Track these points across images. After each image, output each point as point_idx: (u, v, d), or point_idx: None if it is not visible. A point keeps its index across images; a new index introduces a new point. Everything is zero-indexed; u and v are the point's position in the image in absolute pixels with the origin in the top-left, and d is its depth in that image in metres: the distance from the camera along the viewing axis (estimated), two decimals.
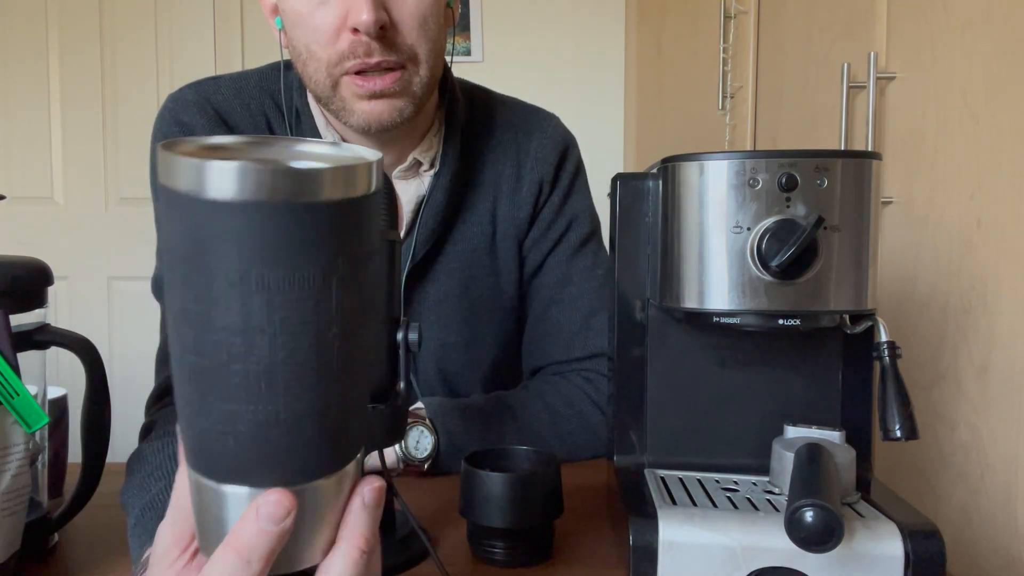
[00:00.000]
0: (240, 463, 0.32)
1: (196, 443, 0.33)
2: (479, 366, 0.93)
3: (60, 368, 1.17)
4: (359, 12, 0.70)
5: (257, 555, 0.33)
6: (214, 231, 0.29)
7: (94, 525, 0.67)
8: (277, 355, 0.30)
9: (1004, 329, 0.83)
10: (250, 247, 0.29)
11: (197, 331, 0.30)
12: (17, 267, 0.57)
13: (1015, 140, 0.82)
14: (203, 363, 0.31)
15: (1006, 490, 0.82)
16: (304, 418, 0.32)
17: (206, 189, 0.28)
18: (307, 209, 0.29)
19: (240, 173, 0.28)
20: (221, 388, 0.31)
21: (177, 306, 0.31)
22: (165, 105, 0.86)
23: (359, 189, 0.30)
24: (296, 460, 0.33)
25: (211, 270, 0.29)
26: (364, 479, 0.36)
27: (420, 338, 0.58)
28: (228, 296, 0.29)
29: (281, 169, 0.28)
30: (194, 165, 0.28)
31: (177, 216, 0.29)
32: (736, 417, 0.65)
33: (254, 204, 0.28)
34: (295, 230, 0.29)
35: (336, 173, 0.29)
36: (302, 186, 0.29)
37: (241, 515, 0.33)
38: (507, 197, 0.92)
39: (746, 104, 1.55)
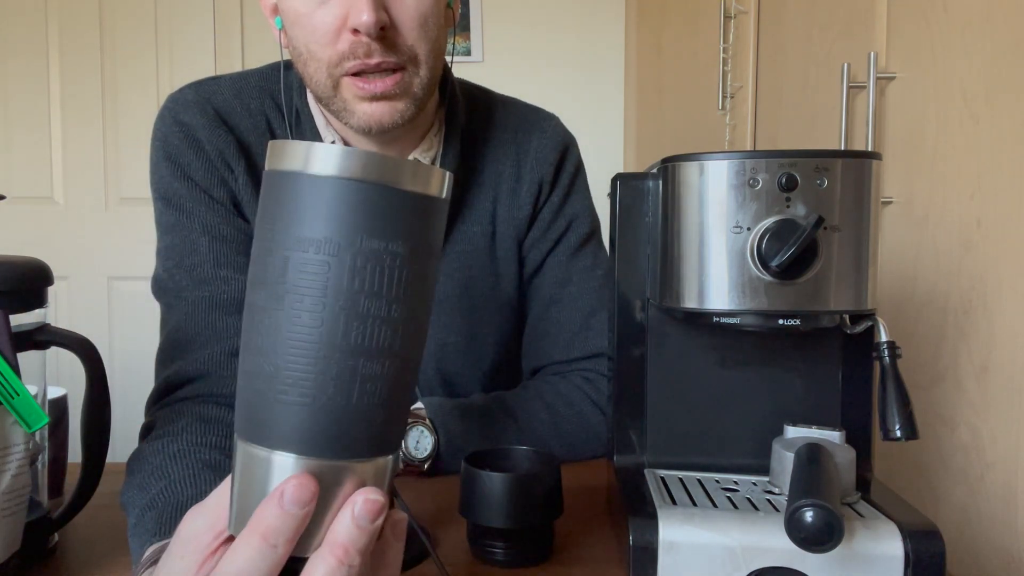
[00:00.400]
0: (297, 422, 0.34)
1: (256, 407, 0.35)
2: (479, 366, 0.93)
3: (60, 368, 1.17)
4: (359, 13, 0.70)
5: (283, 539, 0.33)
6: (316, 199, 0.33)
7: (94, 525, 0.67)
8: (354, 317, 0.33)
9: (1004, 329, 0.83)
10: (369, 216, 0.33)
11: (301, 295, 0.33)
12: (17, 267, 0.57)
13: (1015, 140, 0.82)
14: (297, 319, 0.33)
15: (1006, 490, 0.82)
16: (362, 387, 0.34)
17: (311, 166, 0.33)
18: (393, 193, 0.34)
19: (340, 153, 0.33)
20: (300, 342, 0.33)
21: (269, 271, 0.34)
22: (165, 105, 0.86)
23: (433, 189, 0.35)
24: (346, 426, 0.34)
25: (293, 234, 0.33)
26: (368, 489, 0.35)
27: None
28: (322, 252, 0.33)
29: (397, 160, 0.34)
30: (329, 148, 0.33)
31: (286, 190, 0.34)
32: (736, 417, 0.65)
33: (351, 179, 0.33)
34: (384, 208, 0.34)
35: (418, 168, 0.35)
36: (388, 171, 0.34)
37: (262, 501, 0.34)
38: (507, 197, 0.92)
39: (746, 104, 1.55)
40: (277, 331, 0.33)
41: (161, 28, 2.27)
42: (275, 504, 0.33)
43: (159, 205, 0.85)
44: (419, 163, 0.35)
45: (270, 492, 0.34)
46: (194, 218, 0.82)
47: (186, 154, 0.83)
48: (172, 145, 0.83)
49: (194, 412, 0.73)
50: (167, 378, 0.79)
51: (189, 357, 0.78)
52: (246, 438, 0.35)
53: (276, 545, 0.33)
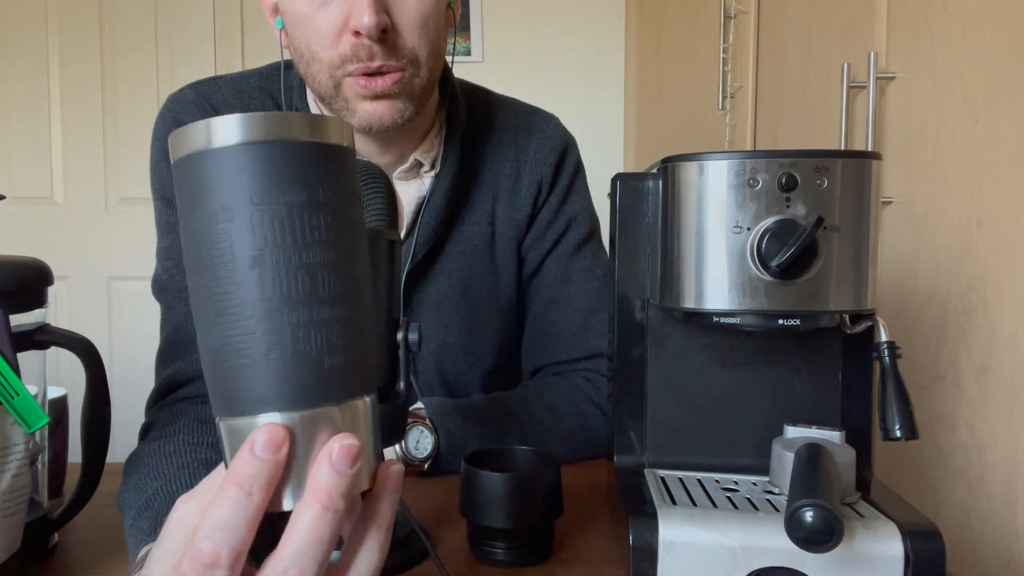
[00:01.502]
0: (260, 384, 0.35)
1: (222, 383, 0.36)
2: (478, 366, 0.93)
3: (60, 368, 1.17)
4: (360, 15, 0.70)
5: (258, 486, 0.34)
6: (221, 170, 0.35)
7: (94, 525, 0.67)
8: (278, 273, 0.35)
9: (1004, 329, 0.83)
10: (252, 175, 0.34)
11: (221, 264, 0.35)
12: (17, 267, 0.57)
13: (1015, 140, 0.82)
14: (220, 289, 0.35)
15: (1006, 490, 0.82)
16: (298, 335, 0.35)
17: (212, 142, 0.35)
18: (290, 146, 0.35)
19: (238, 120, 0.34)
20: (235, 307, 0.35)
21: (198, 254, 0.35)
22: (166, 105, 0.86)
23: (331, 138, 0.36)
24: (305, 375, 0.35)
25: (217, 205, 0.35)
26: (342, 435, 0.36)
27: (420, 338, 0.58)
28: (245, 223, 0.35)
29: (271, 114, 0.35)
30: (203, 123, 0.35)
31: (196, 172, 0.35)
32: (736, 417, 0.65)
33: (250, 143, 0.34)
34: (282, 162, 0.35)
35: (311, 120, 0.36)
36: (284, 127, 0.35)
37: (236, 452, 0.34)
38: (506, 198, 0.92)
39: (746, 104, 1.55)
40: (210, 305, 0.35)
41: (161, 28, 2.27)
42: (247, 452, 0.34)
43: (159, 205, 0.85)
44: (308, 115, 0.36)
45: None
46: None
47: None
48: None
49: (192, 412, 0.73)
50: (166, 378, 0.79)
51: (189, 357, 0.78)
52: (222, 414, 0.36)
53: (251, 493, 0.34)
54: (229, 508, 0.34)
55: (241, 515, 0.34)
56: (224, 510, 0.34)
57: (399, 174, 0.87)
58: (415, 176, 0.88)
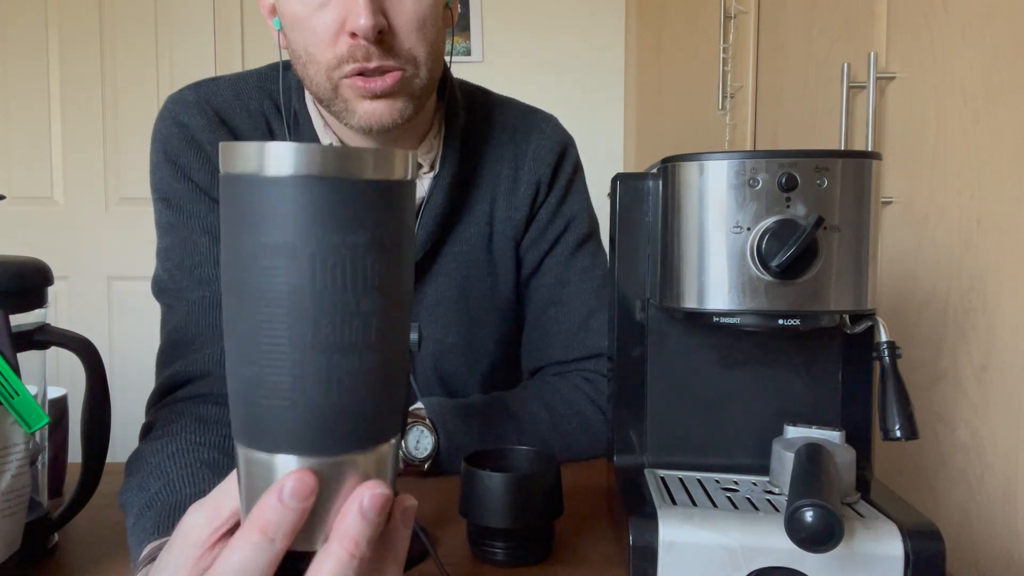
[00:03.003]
0: (288, 425, 0.34)
1: (247, 414, 0.35)
2: (477, 367, 0.93)
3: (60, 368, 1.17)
4: (357, 17, 0.70)
5: (281, 533, 0.33)
6: (275, 202, 0.33)
7: (94, 525, 0.67)
8: (324, 315, 0.33)
9: (1004, 329, 0.83)
10: (321, 213, 0.33)
11: (268, 299, 0.33)
12: (17, 267, 0.57)
13: (1015, 140, 0.82)
14: (265, 323, 0.33)
15: (1006, 490, 0.82)
16: (342, 384, 0.34)
17: (266, 168, 0.33)
18: (353, 184, 0.33)
19: (296, 150, 0.32)
20: (274, 345, 0.33)
21: (239, 279, 0.34)
22: (165, 106, 0.86)
23: (395, 173, 0.35)
24: (344, 422, 0.34)
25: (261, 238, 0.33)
26: (372, 482, 0.35)
27: (420, 338, 0.58)
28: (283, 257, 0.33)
29: (332, 148, 0.33)
30: (258, 146, 0.33)
31: (241, 194, 0.34)
32: (736, 417, 0.65)
33: (309, 177, 0.32)
34: (343, 201, 0.33)
35: (377, 155, 0.34)
36: (348, 164, 0.33)
37: (263, 495, 0.34)
38: (504, 198, 0.92)
39: (746, 104, 1.55)
40: (252, 337, 0.33)
41: (161, 28, 2.27)
42: (274, 498, 0.33)
43: (159, 206, 0.85)
44: (376, 150, 0.34)
45: None
46: (194, 219, 0.82)
47: (186, 155, 0.83)
48: (172, 146, 0.83)
49: (193, 412, 0.73)
50: (167, 378, 0.79)
51: (189, 357, 0.78)
52: (244, 443, 0.35)
53: (274, 539, 0.33)
54: (249, 553, 0.33)
55: (261, 560, 0.34)
56: (243, 554, 0.33)
57: None
58: None
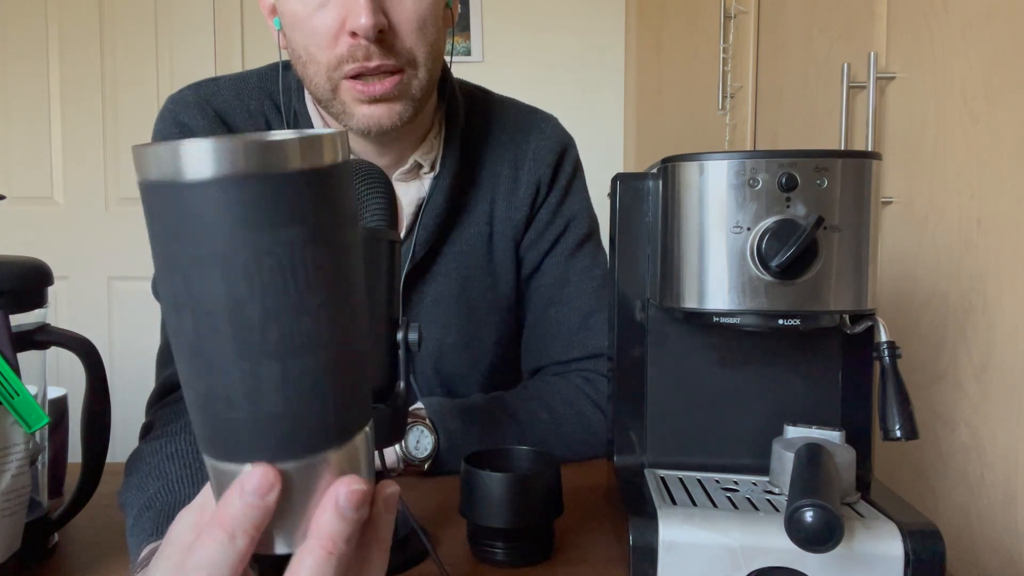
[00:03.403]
0: (259, 432, 0.32)
1: (208, 427, 0.33)
2: (477, 367, 0.93)
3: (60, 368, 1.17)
4: (357, 16, 0.70)
5: (242, 530, 0.33)
6: (197, 210, 0.30)
7: (94, 525, 0.67)
8: (269, 319, 0.31)
9: (1004, 329, 0.83)
10: (232, 217, 0.30)
11: (205, 311, 0.31)
12: (17, 267, 0.57)
13: (1015, 140, 0.82)
14: (205, 335, 0.31)
15: (1006, 490, 0.82)
16: (296, 385, 0.32)
17: (184, 173, 0.29)
18: (280, 178, 0.30)
19: (214, 150, 0.29)
20: (223, 356, 0.31)
21: (175, 293, 0.32)
22: (165, 106, 0.86)
23: (325, 159, 0.32)
24: (309, 421, 0.33)
25: (195, 247, 0.30)
26: (347, 478, 0.34)
27: (420, 338, 0.58)
28: (219, 268, 0.31)
29: (251, 142, 0.30)
30: (171, 149, 0.29)
31: (162, 204, 0.31)
32: (736, 417, 0.65)
33: (232, 177, 0.29)
34: (271, 198, 0.30)
35: (301, 143, 0.31)
36: (271, 157, 0.30)
37: (224, 493, 0.33)
38: (504, 198, 0.92)
39: (746, 104, 1.55)
40: (199, 351, 0.32)
41: (161, 28, 2.27)
42: (235, 495, 0.33)
43: None
44: (300, 135, 0.31)
45: None
46: None
47: None
48: None
49: None
50: (167, 378, 0.79)
51: None
52: (210, 455, 0.34)
53: (235, 536, 0.33)
54: (212, 549, 0.33)
55: (223, 558, 0.33)
56: (206, 551, 0.33)
57: (398, 176, 0.87)
58: (414, 178, 0.88)
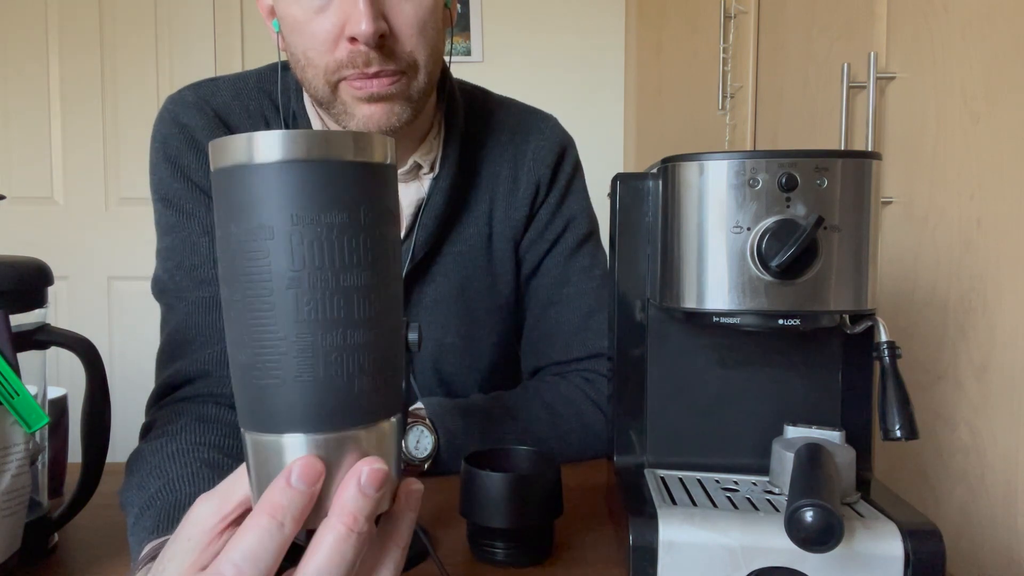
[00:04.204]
0: (304, 405, 0.35)
1: (248, 397, 0.36)
2: (476, 367, 0.93)
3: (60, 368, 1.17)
4: (357, 22, 0.70)
5: (291, 516, 0.34)
6: (259, 187, 0.34)
7: (94, 525, 0.67)
8: (306, 293, 0.34)
9: (1004, 329, 0.83)
10: (295, 194, 0.34)
11: (258, 282, 0.34)
12: (17, 267, 0.57)
13: (1015, 140, 0.82)
14: (254, 306, 0.35)
15: (1006, 490, 0.82)
16: (330, 359, 0.35)
17: (255, 156, 0.34)
18: (336, 165, 0.35)
19: (282, 137, 0.34)
20: (263, 326, 0.35)
21: (229, 266, 0.35)
22: (165, 106, 0.86)
23: (376, 157, 0.36)
24: (329, 398, 0.35)
25: (259, 218, 0.34)
26: (371, 458, 0.36)
27: (420, 338, 0.58)
28: (285, 241, 0.34)
29: (316, 133, 0.34)
30: (247, 136, 0.34)
31: (230, 184, 0.35)
32: (736, 417, 0.65)
33: (294, 161, 0.34)
34: (322, 182, 0.34)
35: (357, 139, 0.35)
36: (332, 145, 0.35)
37: (272, 481, 0.35)
38: (503, 199, 0.92)
39: (746, 104, 1.55)
40: (243, 321, 0.35)
41: (161, 28, 2.27)
42: (283, 482, 0.34)
43: (159, 206, 0.85)
44: (357, 133, 0.36)
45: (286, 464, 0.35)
46: (194, 219, 0.82)
47: (186, 155, 0.83)
48: (172, 146, 0.83)
49: (193, 412, 0.73)
50: (167, 378, 0.79)
51: (189, 357, 0.78)
52: (249, 427, 0.36)
53: (283, 523, 0.34)
54: (259, 536, 0.34)
55: (270, 544, 0.34)
56: (253, 538, 0.34)
57: (398, 176, 0.87)
58: (414, 178, 0.88)
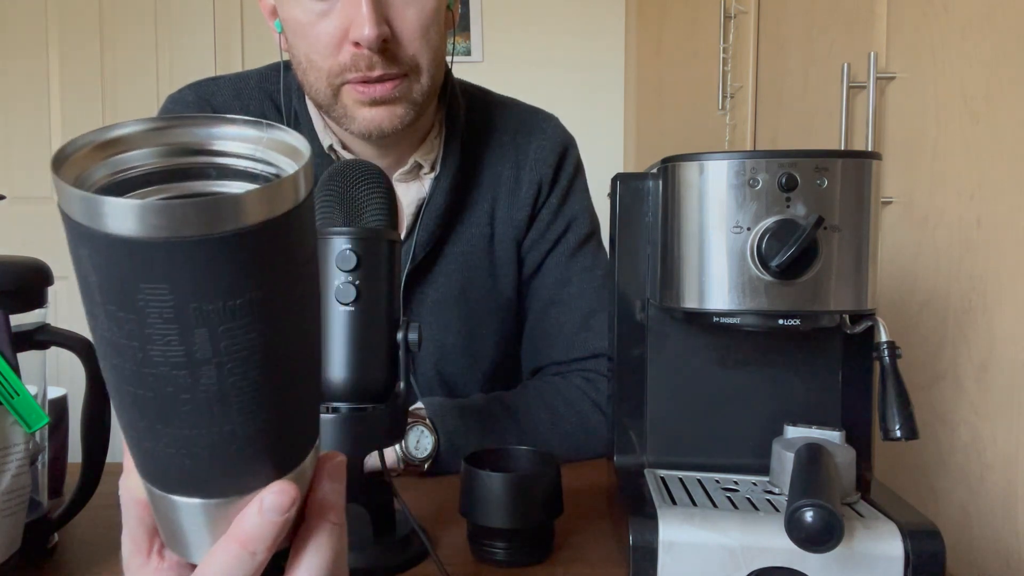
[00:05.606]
0: (194, 479, 0.31)
1: (146, 460, 0.32)
2: (477, 367, 0.93)
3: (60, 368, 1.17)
4: (361, 27, 0.70)
5: (263, 546, 0.33)
6: (131, 267, 0.25)
7: (94, 525, 0.67)
8: (226, 381, 0.28)
9: (1004, 329, 0.83)
10: (171, 283, 0.25)
11: (134, 365, 0.27)
12: (17, 267, 0.57)
13: (1015, 140, 0.82)
14: (147, 395, 0.28)
15: (1006, 490, 0.82)
16: (261, 430, 0.30)
17: (108, 225, 0.24)
18: (230, 239, 0.25)
19: (140, 212, 0.23)
20: (169, 416, 0.28)
21: (107, 337, 0.27)
22: (165, 106, 0.86)
23: (284, 205, 0.26)
24: (252, 468, 0.32)
25: (139, 308, 0.26)
26: (324, 456, 0.35)
27: (420, 338, 0.58)
28: (165, 333, 0.26)
29: (188, 204, 0.23)
30: (85, 199, 0.23)
31: (88, 248, 0.25)
32: (736, 417, 0.65)
33: (169, 242, 0.24)
34: (220, 262, 0.25)
35: (253, 196, 0.25)
36: (217, 216, 0.24)
37: (244, 509, 0.33)
38: (505, 199, 0.92)
39: (746, 104, 1.55)
40: (121, 389, 0.29)
41: (161, 27, 2.27)
42: (255, 512, 0.33)
43: None
44: (256, 191, 0.25)
45: (184, 522, 0.33)
46: None
47: None
48: None
49: None
50: None
51: None
52: (146, 479, 0.33)
53: (255, 552, 0.33)
54: (228, 563, 0.33)
55: (241, 571, 0.33)
56: (222, 565, 0.33)
57: (399, 176, 0.87)
58: (415, 178, 0.88)
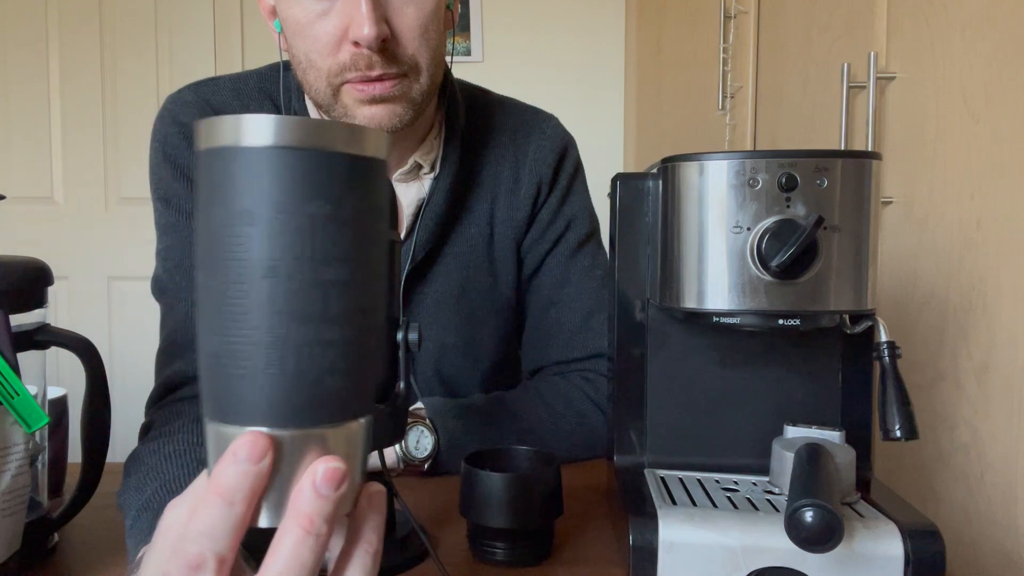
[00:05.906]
0: (249, 394, 0.34)
1: (213, 386, 0.35)
2: (477, 368, 0.93)
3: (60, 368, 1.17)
4: (360, 27, 0.70)
5: (240, 496, 0.33)
6: (243, 171, 0.33)
7: (94, 525, 0.67)
8: (281, 284, 0.33)
9: (1004, 329, 0.83)
10: (279, 182, 0.33)
11: (235, 268, 0.33)
12: (17, 267, 0.57)
13: (1015, 140, 0.82)
14: (229, 293, 0.33)
15: (1006, 490, 0.82)
16: (301, 354, 0.34)
17: (242, 139, 0.33)
18: (322, 156, 0.34)
19: (276, 122, 0.33)
20: (234, 313, 0.33)
21: (206, 250, 0.34)
22: (165, 106, 0.86)
23: (367, 150, 0.35)
24: (295, 394, 0.34)
25: (241, 206, 0.33)
26: (328, 457, 0.35)
27: (420, 338, 0.58)
28: (267, 232, 0.33)
29: (308, 120, 0.34)
30: (236, 118, 0.33)
31: (213, 166, 0.34)
32: (736, 417, 0.65)
33: (282, 147, 0.33)
34: (306, 171, 0.33)
35: (350, 130, 0.35)
36: (324, 135, 0.34)
37: (218, 460, 0.34)
38: (505, 199, 0.92)
39: (746, 104, 1.55)
40: (216, 307, 0.34)
41: (161, 28, 2.27)
42: (229, 461, 0.33)
43: (159, 206, 0.85)
44: (349, 125, 0.35)
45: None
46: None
47: (185, 155, 0.83)
48: (171, 146, 0.83)
49: (192, 412, 0.73)
50: (167, 378, 0.79)
51: (188, 357, 0.78)
52: (213, 418, 0.35)
53: (233, 503, 0.33)
54: (212, 515, 0.33)
55: (223, 524, 0.33)
56: (207, 517, 0.33)
57: (398, 176, 0.87)
58: (415, 178, 0.88)
